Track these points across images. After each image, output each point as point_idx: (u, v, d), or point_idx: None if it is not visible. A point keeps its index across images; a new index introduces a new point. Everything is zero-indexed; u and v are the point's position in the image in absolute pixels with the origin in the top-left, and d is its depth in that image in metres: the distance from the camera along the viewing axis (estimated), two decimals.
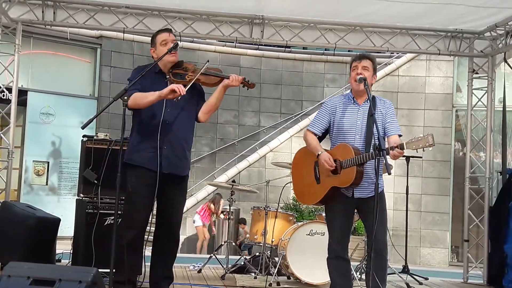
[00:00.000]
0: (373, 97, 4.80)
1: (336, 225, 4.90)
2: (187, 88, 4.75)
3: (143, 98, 4.78)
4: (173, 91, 4.68)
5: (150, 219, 5.01)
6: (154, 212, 5.11)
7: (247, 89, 5.09)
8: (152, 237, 5.15)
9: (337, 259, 4.88)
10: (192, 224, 13.41)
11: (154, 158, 4.84)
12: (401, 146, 4.46)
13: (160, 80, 4.94)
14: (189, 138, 5.08)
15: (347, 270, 4.96)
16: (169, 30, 5.16)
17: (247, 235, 12.51)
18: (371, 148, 4.58)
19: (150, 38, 5.23)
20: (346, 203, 4.84)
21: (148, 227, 5.11)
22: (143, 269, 5.27)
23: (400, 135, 4.77)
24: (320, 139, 5.06)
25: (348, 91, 5.07)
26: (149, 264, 5.16)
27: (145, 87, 4.86)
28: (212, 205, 12.94)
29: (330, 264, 4.92)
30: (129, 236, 4.86)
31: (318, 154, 4.80)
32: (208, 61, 5.08)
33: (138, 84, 4.82)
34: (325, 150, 4.88)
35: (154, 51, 5.04)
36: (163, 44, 4.97)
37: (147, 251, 5.30)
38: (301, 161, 5.13)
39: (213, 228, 13.16)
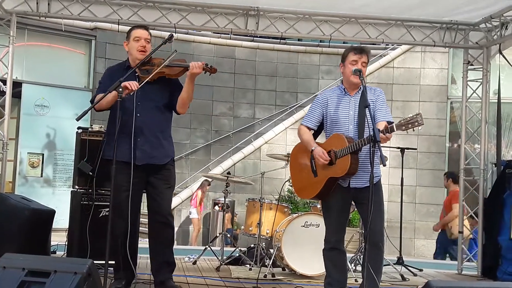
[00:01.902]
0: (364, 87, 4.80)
1: (332, 217, 4.91)
2: (142, 84, 4.86)
3: (102, 100, 4.89)
4: (126, 87, 4.78)
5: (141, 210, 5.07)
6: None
7: (209, 75, 5.13)
8: (142, 228, 5.20)
9: (332, 251, 4.89)
10: (187, 215, 13.43)
11: (130, 151, 4.93)
12: (391, 129, 4.45)
13: (130, 75, 4.97)
14: (164, 128, 5.18)
15: (342, 262, 4.97)
16: (145, 28, 5.25)
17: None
18: (365, 138, 4.59)
19: None
20: (342, 195, 4.84)
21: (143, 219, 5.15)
22: (138, 261, 5.26)
23: (390, 122, 4.73)
24: (317, 133, 5.07)
25: (339, 83, 5.08)
26: (144, 255, 5.19)
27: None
28: (199, 192, 12.95)
29: (325, 256, 4.93)
30: (121, 226, 4.94)
31: (312, 150, 4.82)
32: (175, 51, 5.06)
33: (105, 85, 4.96)
34: (320, 143, 4.89)
35: (127, 44, 5.19)
36: (136, 40, 5.11)
37: (143, 244, 5.32)
38: (298, 156, 5.14)
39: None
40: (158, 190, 5.11)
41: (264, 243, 7.24)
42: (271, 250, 7.12)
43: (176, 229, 13.30)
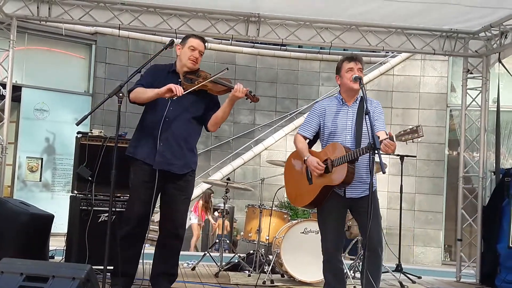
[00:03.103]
0: (361, 98, 4.80)
1: (329, 227, 4.89)
2: (186, 92, 4.83)
3: (142, 93, 4.90)
4: (170, 90, 4.75)
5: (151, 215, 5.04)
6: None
7: (250, 102, 5.10)
8: (151, 235, 5.18)
9: (331, 261, 4.87)
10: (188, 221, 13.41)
11: (152, 153, 4.92)
12: (391, 138, 4.45)
13: (173, 79, 5.01)
14: (190, 138, 5.11)
15: (340, 270, 4.96)
16: (204, 40, 5.23)
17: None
18: (363, 147, 4.59)
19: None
20: (338, 204, 4.83)
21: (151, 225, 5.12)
22: (139, 266, 5.22)
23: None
24: (312, 142, 5.06)
25: (336, 93, 5.07)
26: (148, 261, 5.17)
27: (157, 83, 4.93)
28: (201, 203, 12.84)
29: (324, 265, 4.92)
30: (124, 229, 4.95)
31: (305, 159, 4.81)
32: (227, 69, 5.08)
33: (146, 80, 4.99)
34: (316, 152, 4.88)
35: (180, 48, 5.13)
36: (191, 49, 5.07)
37: (147, 249, 5.30)
38: (293, 164, 5.13)
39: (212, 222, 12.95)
40: (173, 200, 5.05)
41: (263, 249, 7.24)
42: (270, 257, 7.12)
43: None
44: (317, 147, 5.03)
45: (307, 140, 5.01)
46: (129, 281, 5.08)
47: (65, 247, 6.29)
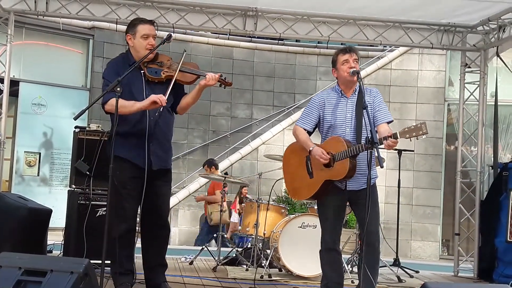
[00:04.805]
0: (360, 89, 4.78)
1: (328, 218, 4.90)
2: (167, 96, 4.72)
3: (122, 107, 4.66)
4: (155, 102, 4.67)
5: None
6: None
7: (224, 88, 4.99)
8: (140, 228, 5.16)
9: (329, 252, 4.88)
10: (184, 216, 13.44)
11: (142, 154, 4.83)
12: (394, 136, 4.43)
13: (136, 73, 4.86)
14: (172, 131, 5.13)
15: (339, 262, 4.97)
16: (152, 23, 5.01)
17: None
18: (364, 140, 4.59)
19: None
20: (338, 196, 4.84)
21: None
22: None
23: (390, 121, 4.76)
24: (310, 133, 5.05)
25: (335, 84, 5.05)
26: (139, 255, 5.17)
27: (125, 80, 4.73)
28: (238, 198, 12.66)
29: (322, 257, 4.93)
30: (122, 229, 4.89)
31: (310, 150, 4.80)
32: (185, 51, 4.95)
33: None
34: (316, 144, 4.87)
35: (131, 39, 4.91)
36: (144, 37, 4.86)
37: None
38: (291, 157, 5.11)
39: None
40: (161, 192, 5.04)
41: (261, 244, 7.24)
42: (268, 251, 7.12)
43: (172, 229, 13.30)
44: (314, 139, 5.00)
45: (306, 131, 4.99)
46: (132, 277, 5.04)
47: (63, 241, 6.30)
